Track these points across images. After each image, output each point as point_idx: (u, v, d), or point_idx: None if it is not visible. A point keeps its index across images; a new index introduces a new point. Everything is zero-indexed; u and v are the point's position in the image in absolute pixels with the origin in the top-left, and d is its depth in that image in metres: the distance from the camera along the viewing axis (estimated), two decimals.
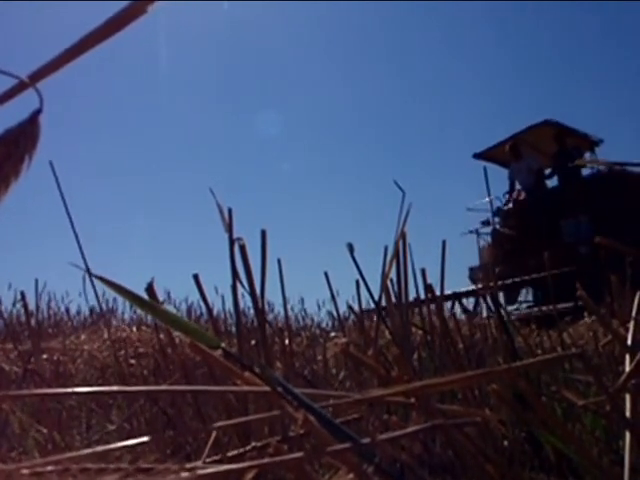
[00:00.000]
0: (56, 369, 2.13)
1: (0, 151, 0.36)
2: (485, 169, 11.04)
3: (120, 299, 6.78)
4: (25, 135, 0.35)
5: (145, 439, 0.47)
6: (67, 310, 7.31)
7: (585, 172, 10.85)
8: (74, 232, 1.05)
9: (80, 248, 1.04)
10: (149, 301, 0.52)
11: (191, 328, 0.49)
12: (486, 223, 11.09)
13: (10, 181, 0.35)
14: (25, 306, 1.32)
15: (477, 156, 11.07)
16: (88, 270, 0.84)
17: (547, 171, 10.65)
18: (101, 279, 0.50)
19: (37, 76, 0.35)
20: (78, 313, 7.28)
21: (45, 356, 2.54)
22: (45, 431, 1.06)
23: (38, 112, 0.36)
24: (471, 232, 10.97)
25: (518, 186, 10.52)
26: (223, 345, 0.49)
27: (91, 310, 7.01)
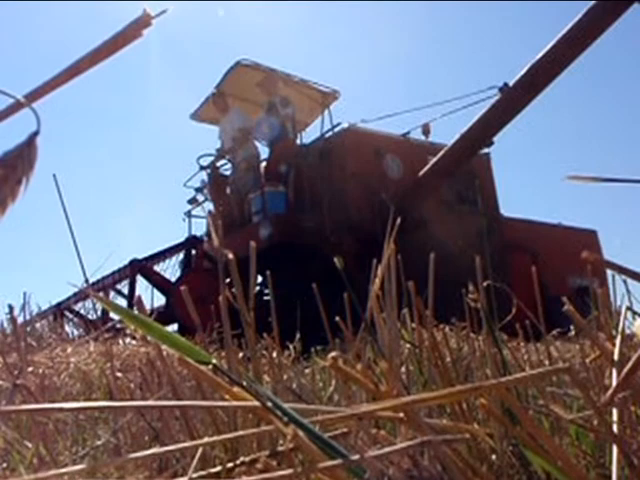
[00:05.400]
0: (42, 382, 2.12)
1: None
2: None
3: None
4: (22, 158, 0.35)
5: (132, 456, 0.47)
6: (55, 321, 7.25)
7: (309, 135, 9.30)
8: (76, 248, 1.05)
9: (82, 266, 1.03)
10: (140, 317, 0.52)
11: (181, 343, 0.49)
12: (193, 201, 9.20)
13: (7, 203, 0.35)
14: (13, 319, 1.31)
15: (194, 117, 9.44)
16: (87, 280, 0.84)
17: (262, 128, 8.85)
18: (96, 296, 0.49)
19: (34, 96, 0.35)
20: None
21: (31, 369, 2.51)
22: (30, 446, 1.05)
23: (35, 134, 0.36)
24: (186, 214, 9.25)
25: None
26: (214, 361, 0.49)
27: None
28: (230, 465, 0.54)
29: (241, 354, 1.18)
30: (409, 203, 7.52)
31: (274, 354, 1.18)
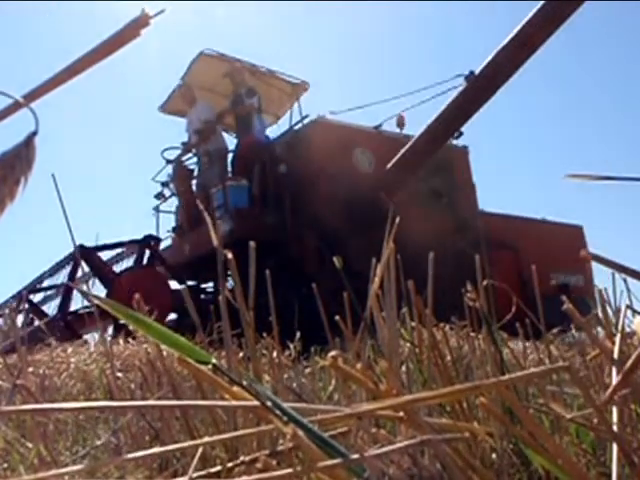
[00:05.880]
0: (42, 382, 2.12)
1: None
2: None
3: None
4: (20, 158, 0.35)
5: (132, 456, 0.47)
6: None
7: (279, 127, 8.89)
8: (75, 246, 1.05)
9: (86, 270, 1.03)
10: (140, 317, 0.52)
11: (181, 343, 0.49)
12: (160, 196, 9.00)
13: (5, 203, 0.35)
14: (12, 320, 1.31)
15: (162, 109, 9.21)
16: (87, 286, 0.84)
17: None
18: (95, 297, 0.49)
19: (32, 96, 0.35)
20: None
21: (31, 369, 2.51)
22: (31, 446, 1.05)
23: (33, 134, 0.36)
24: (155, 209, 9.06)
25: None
26: (214, 361, 0.49)
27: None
28: (230, 465, 0.54)
29: (241, 354, 1.18)
30: (379, 198, 7.13)
31: (274, 354, 1.18)
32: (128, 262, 7.70)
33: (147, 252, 7.39)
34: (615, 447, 0.57)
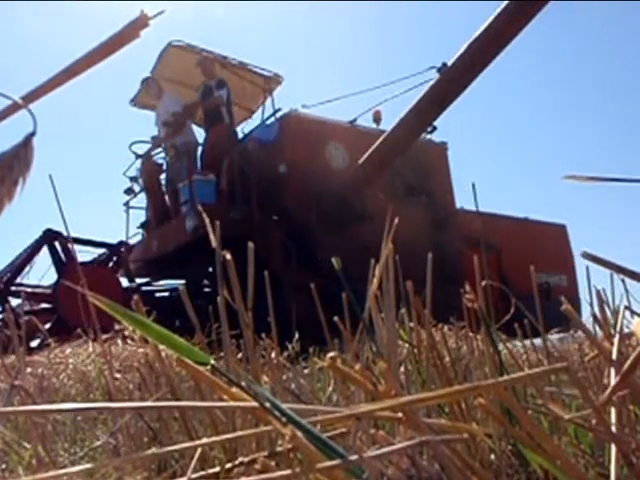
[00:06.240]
0: (40, 383, 2.11)
1: None
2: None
3: None
4: (19, 158, 0.35)
5: (131, 457, 0.47)
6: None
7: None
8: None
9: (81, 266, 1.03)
10: (139, 318, 0.52)
11: (180, 344, 0.49)
12: (129, 191, 8.82)
13: (4, 204, 0.35)
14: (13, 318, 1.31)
15: (133, 103, 8.96)
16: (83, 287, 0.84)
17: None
18: (93, 296, 0.49)
19: (31, 97, 0.35)
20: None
21: (29, 370, 2.51)
22: (29, 447, 1.05)
23: (32, 135, 0.36)
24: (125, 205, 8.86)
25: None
26: (212, 361, 0.49)
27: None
28: (229, 466, 0.54)
29: (240, 355, 1.18)
30: (351, 194, 7.15)
31: (272, 354, 1.18)
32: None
33: (115, 257, 7.31)
34: (614, 448, 0.57)
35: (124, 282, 7.40)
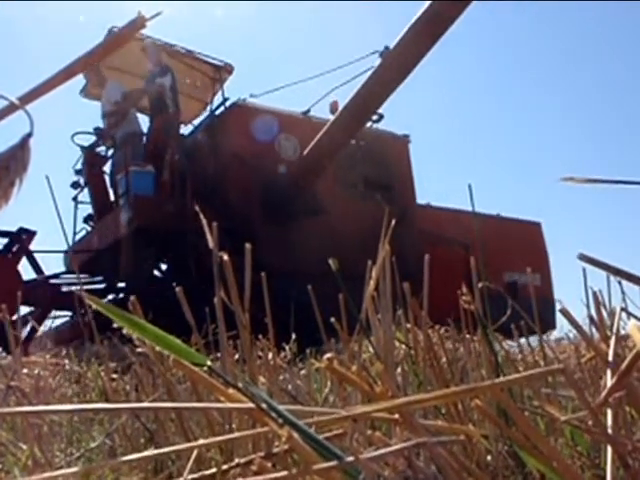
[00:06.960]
0: (36, 384, 2.11)
1: None
2: None
3: None
4: (16, 159, 0.35)
5: (127, 458, 0.47)
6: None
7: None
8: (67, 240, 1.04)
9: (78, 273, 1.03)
10: (136, 319, 0.52)
11: (176, 345, 0.49)
12: (76, 185, 8.39)
13: (0, 204, 0.35)
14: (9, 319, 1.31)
15: (83, 94, 8.46)
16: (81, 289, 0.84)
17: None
18: (93, 299, 0.49)
19: (28, 98, 0.35)
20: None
21: (25, 371, 2.50)
22: (25, 447, 1.05)
23: (29, 136, 0.36)
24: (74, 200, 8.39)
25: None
26: (209, 363, 0.49)
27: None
28: (225, 467, 0.54)
29: (236, 356, 1.18)
30: (298, 187, 6.87)
31: (269, 355, 1.18)
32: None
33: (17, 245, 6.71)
34: (610, 449, 0.58)
35: (33, 274, 6.77)
